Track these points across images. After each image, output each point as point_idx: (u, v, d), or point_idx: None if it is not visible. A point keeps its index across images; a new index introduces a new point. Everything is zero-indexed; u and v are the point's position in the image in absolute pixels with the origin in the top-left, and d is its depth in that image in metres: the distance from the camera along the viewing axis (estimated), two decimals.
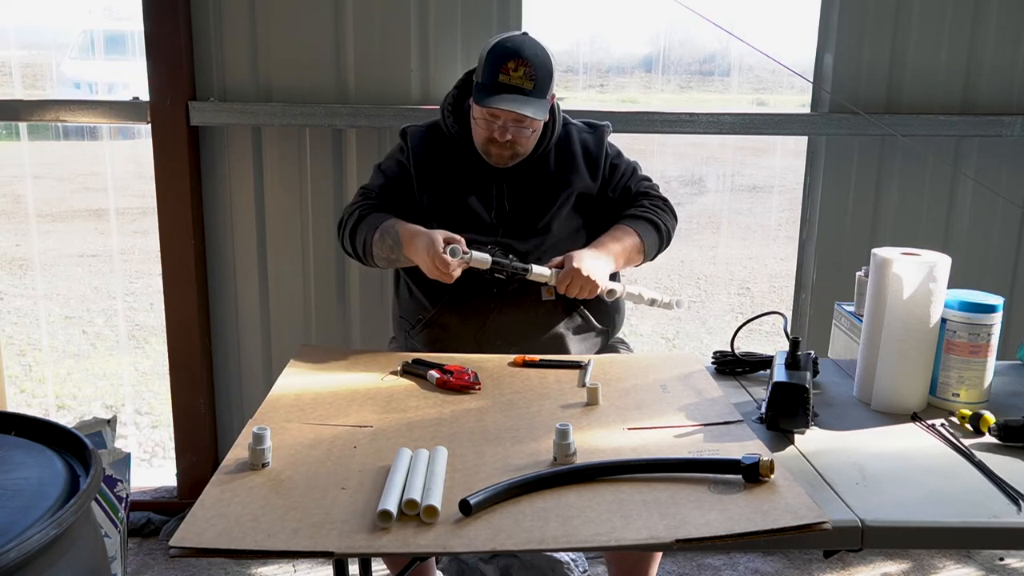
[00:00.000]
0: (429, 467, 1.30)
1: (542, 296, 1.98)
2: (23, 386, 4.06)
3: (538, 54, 1.91)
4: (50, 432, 1.44)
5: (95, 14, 7.39)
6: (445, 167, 2.04)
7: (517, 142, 1.95)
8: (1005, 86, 2.59)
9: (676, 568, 2.53)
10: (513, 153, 1.97)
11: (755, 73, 4.03)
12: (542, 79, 1.90)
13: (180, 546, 1.11)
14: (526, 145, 1.97)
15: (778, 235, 6.76)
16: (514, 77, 1.88)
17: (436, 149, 2.05)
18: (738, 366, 1.82)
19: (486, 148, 1.98)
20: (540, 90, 1.91)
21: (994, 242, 2.69)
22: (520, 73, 1.88)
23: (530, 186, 2.02)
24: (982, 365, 1.60)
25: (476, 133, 1.98)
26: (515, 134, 1.93)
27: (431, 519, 1.17)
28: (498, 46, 1.92)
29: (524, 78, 1.88)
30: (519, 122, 1.91)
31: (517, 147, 1.96)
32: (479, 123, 1.95)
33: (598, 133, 2.10)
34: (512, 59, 1.88)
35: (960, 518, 1.23)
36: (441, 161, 2.04)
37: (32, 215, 7.04)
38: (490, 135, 1.94)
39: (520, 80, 1.88)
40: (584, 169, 2.05)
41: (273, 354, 2.72)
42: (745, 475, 1.27)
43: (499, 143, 1.94)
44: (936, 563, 2.57)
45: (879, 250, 1.64)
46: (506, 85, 1.88)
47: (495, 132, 1.92)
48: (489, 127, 1.93)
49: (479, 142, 1.99)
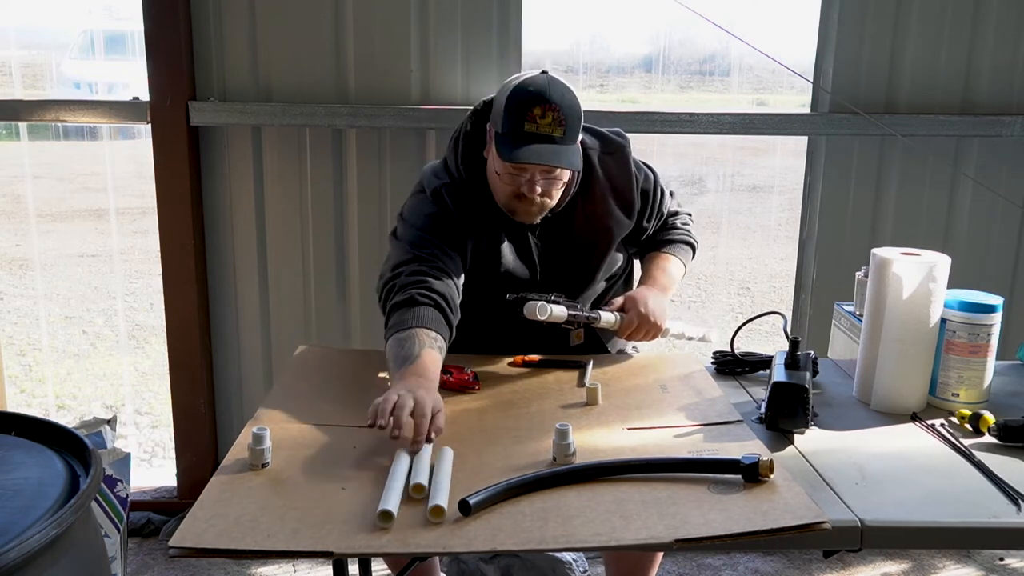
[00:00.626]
0: (436, 467, 1.30)
1: (571, 341, 1.89)
2: (23, 386, 4.06)
3: (565, 96, 1.68)
4: (50, 432, 1.44)
5: (95, 14, 7.39)
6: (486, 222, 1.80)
7: (548, 195, 1.73)
8: (1005, 86, 2.59)
9: (676, 568, 2.53)
10: (542, 208, 1.76)
11: (755, 73, 4.03)
12: (572, 124, 1.68)
13: (180, 546, 1.11)
14: (555, 198, 1.77)
15: (778, 235, 6.76)
16: (541, 125, 1.65)
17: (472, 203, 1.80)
18: (738, 366, 1.82)
19: (511, 206, 1.76)
20: (571, 136, 1.68)
21: (994, 242, 2.69)
22: (548, 120, 1.65)
23: (561, 234, 1.84)
24: (982, 365, 1.60)
25: (499, 189, 1.75)
26: (545, 188, 1.71)
27: (437, 519, 1.17)
28: (519, 91, 1.68)
29: (553, 124, 1.65)
30: (549, 174, 1.70)
31: (547, 201, 1.75)
32: (503, 179, 1.72)
33: (619, 157, 1.87)
34: (538, 104, 1.65)
35: (960, 518, 1.23)
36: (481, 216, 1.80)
37: (32, 215, 7.04)
38: (516, 191, 1.71)
39: (548, 128, 1.65)
40: (615, 209, 1.85)
41: (273, 354, 2.72)
42: (745, 475, 1.27)
43: (527, 200, 1.72)
44: (936, 563, 2.57)
45: (879, 250, 1.64)
46: (533, 135, 1.65)
47: (523, 188, 1.70)
48: (515, 182, 1.70)
49: (503, 199, 1.76)
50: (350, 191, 2.62)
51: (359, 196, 2.60)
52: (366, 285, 2.65)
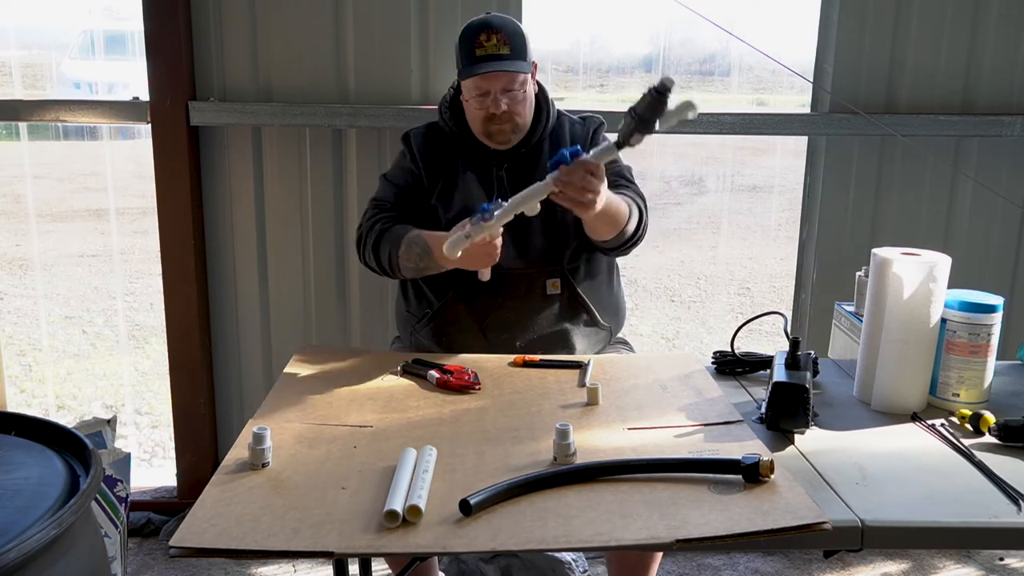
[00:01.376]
0: (416, 466, 1.30)
1: (547, 290, 1.97)
2: (23, 386, 4.06)
3: (507, 23, 1.94)
4: (50, 432, 1.44)
5: (95, 14, 7.39)
6: (449, 164, 2.03)
7: (514, 111, 1.93)
8: (1005, 86, 2.59)
9: (676, 568, 2.53)
10: (513, 125, 1.95)
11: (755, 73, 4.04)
12: (517, 43, 1.92)
13: (180, 546, 1.11)
14: (524, 114, 1.96)
15: (778, 235, 6.76)
16: (488, 47, 1.90)
17: (438, 148, 2.05)
18: (738, 366, 1.82)
19: (486, 129, 1.96)
20: (518, 53, 1.91)
21: (994, 242, 2.69)
22: (493, 41, 1.90)
23: (527, 173, 1.99)
24: (982, 365, 1.60)
25: (473, 118, 1.97)
26: (509, 103, 1.92)
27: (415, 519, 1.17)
28: (466, 28, 1.95)
29: (499, 44, 1.90)
30: (509, 89, 1.91)
31: (516, 118, 1.94)
32: (472, 105, 1.94)
33: (587, 125, 2.10)
34: (483, 31, 1.91)
35: (960, 518, 1.23)
36: (444, 159, 2.03)
37: (32, 215, 7.04)
38: (486, 113, 1.92)
39: (495, 47, 1.90)
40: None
41: (273, 354, 2.72)
42: (745, 475, 1.27)
43: (497, 118, 1.92)
44: (936, 563, 2.57)
45: (879, 250, 1.64)
46: (484, 56, 1.90)
47: (490, 107, 1.91)
48: (483, 104, 1.92)
49: (477, 126, 1.97)
50: (350, 191, 2.62)
51: (359, 196, 2.60)
52: (366, 285, 2.65)
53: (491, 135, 1.97)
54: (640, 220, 1.98)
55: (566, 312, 2.00)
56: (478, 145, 2.02)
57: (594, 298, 2.02)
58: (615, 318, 2.11)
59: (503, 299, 1.96)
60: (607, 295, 2.08)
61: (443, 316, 2.00)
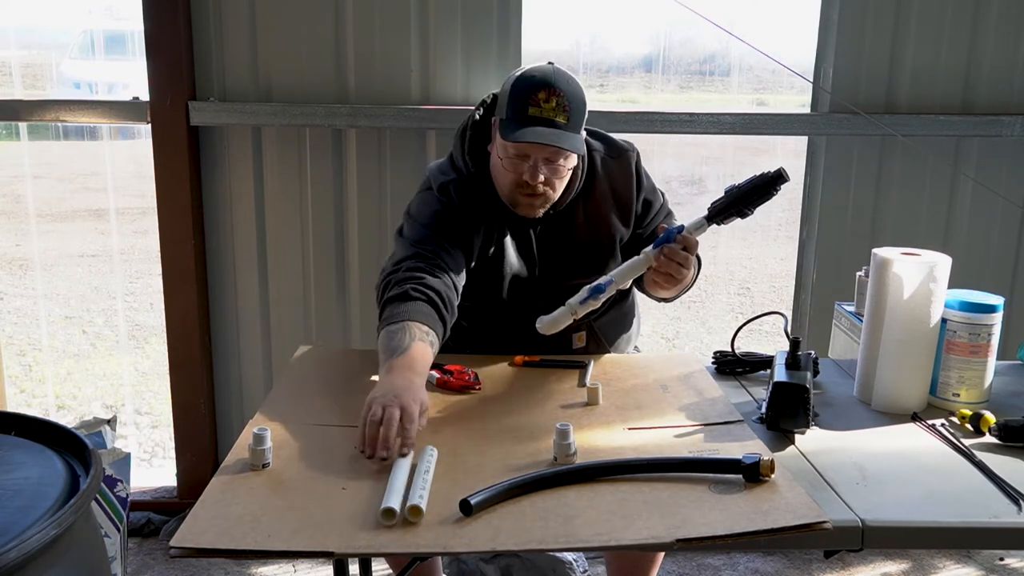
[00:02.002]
0: (417, 466, 1.30)
1: (572, 345, 1.88)
2: (23, 386, 4.06)
3: (571, 84, 1.69)
4: (50, 432, 1.44)
5: (95, 14, 7.39)
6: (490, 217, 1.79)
7: (550, 186, 1.72)
8: (1005, 86, 2.59)
9: (676, 568, 2.53)
10: (544, 200, 1.75)
11: (755, 73, 4.03)
12: (576, 111, 1.68)
13: (180, 546, 1.11)
14: (558, 190, 1.75)
15: (778, 235, 6.76)
16: (545, 109, 1.65)
17: (477, 199, 1.79)
18: (738, 366, 1.82)
19: (513, 197, 1.74)
20: (575, 124, 1.68)
21: (994, 242, 2.69)
22: (552, 104, 1.65)
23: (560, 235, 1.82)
24: (982, 365, 1.60)
25: (502, 178, 1.74)
26: (548, 176, 1.70)
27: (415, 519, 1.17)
28: (525, 77, 1.69)
29: (557, 110, 1.65)
30: (552, 161, 1.69)
31: (549, 192, 1.73)
32: (506, 164, 1.70)
33: (623, 162, 1.86)
34: (543, 89, 1.65)
35: (960, 518, 1.23)
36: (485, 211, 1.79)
37: (32, 215, 7.04)
38: (519, 179, 1.70)
39: (552, 112, 1.65)
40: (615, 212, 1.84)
41: (273, 354, 2.72)
42: (745, 475, 1.27)
43: (530, 188, 1.70)
44: (936, 563, 2.57)
45: (879, 250, 1.64)
46: (537, 119, 1.65)
47: (526, 174, 1.69)
48: (518, 168, 1.69)
49: (506, 189, 1.75)
50: (350, 191, 2.62)
51: (359, 196, 2.60)
52: (366, 285, 2.65)
53: (517, 205, 1.76)
54: (698, 269, 1.88)
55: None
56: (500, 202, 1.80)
57: (616, 340, 1.95)
58: (630, 343, 2.06)
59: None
60: (626, 329, 2.00)
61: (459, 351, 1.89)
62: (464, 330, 1.88)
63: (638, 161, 1.88)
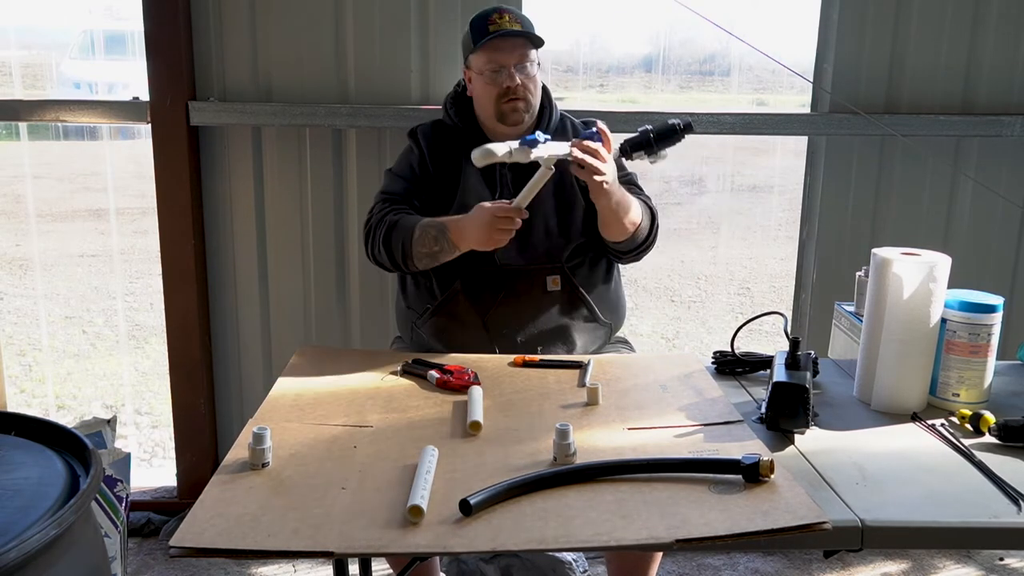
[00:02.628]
0: (418, 466, 1.30)
1: (547, 287, 1.99)
2: (23, 386, 4.06)
3: (516, 10, 2.01)
4: (50, 432, 1.44)
5: (95, 14, 7.39)
6: (455, 160, 2.02)
7: (526, 88, 1.96)
8: (1005, 86, 2.59)
9: (676, 568, 2.53)
10: (526, 104, 1.98)
11: (755, 73, 4.04)
12: (528, 24, 1.98)
13: (180, 546, 1.11)
14: (535, 93, 2.00)
15: (778, 235, 6.76)
16: (501, 24, 1.95)
17: (445, 144, 2.05)
18: (738, 366, 1.82)
19: (499, 109, 1.98)
20: (529, 31, 1.97)
21: (994, 242, 2.69)
22: (506, 19, 1.95)
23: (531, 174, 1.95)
24: (982, 365, 1.60)
25: (485, 97, 1.99)
26: (523, 78, 1.95)
27: (416, 519, 1.17)
28: (476, 15, 2.01)
29: (512, 21, 1.95)
30: (522, 62, 1.95)
31: (528, 95, 1.98)
32: (486, 79, 1.97)
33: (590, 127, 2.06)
34: (495, 12, 1.97)
35: (960, 518, 1.23)
36: (451, 155, 2.03)
37: (32, 215, 7.04)
38: (500, 88, 1.95)
39: (508, 24, 1.95)
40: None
41: (273, 354, 2.72)
42: (745, 475, 1.27)
43: (511, 92, 1.95)
44: (936, 563, 2.57)
45: (879, 250, 1.64)
46: (497, 31, 1.94)
47: (504, 81, 1.94)
48: (496, 80, 1.95)
49: (490, 107, 1.99)
50: (350, 191, 2.62)
51: (359, 196, 2.60)
52: (366, 285, 2.65)
53: (504, 115, 1.98)
54: (652, 223, 2.03)
55: (566, 308, 2.01)
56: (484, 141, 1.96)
57: (594, 295, 2.04)
58: (615, 315, 2.12)
59: (504, 295, 1.97)
60: (607, 292, 2.09)
61: (445, 311, 2.00)
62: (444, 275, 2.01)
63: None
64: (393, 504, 1.21)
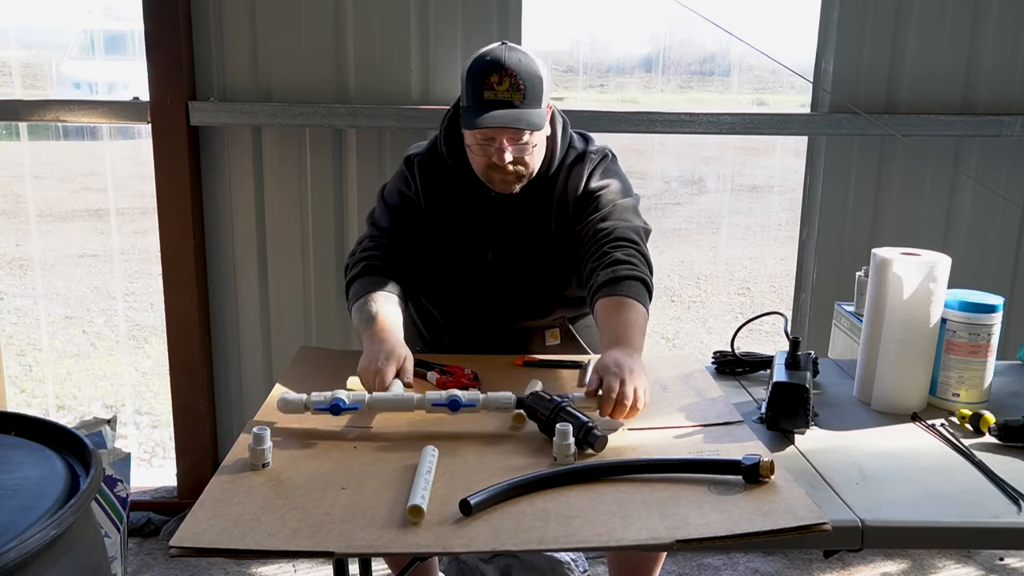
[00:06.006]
0: (418, 466, 1.30)
1: (547, 341, 1.93)
2: (23, 386, 4.06)
3: (521, 60, 1.72)
4: (50, 432, 1.44)
5: (95, 14, 7.38)
6: (448, 197, 1.88)
7: (521, 163, 1.76)
8: (1005, 86, 2.59)
9: (676, 568, 2.53)
10: (517, 176, 1.79)
11: (755, 73, 4.04)
12: (532, 87, 1.71)
13: (180, 546, 1.11)
14: (532, 164, 1.79)
15: (778, 235, 6.77)
16: (500, 91, 1.69)
17: (439, 179, 1.88)
18: (738, 366, 1.82)
19: (488, 175, 1.79)
20: (532, 100, 1.71)
21: (994, 242, 2.69)
22: (505, 86, 1.69)
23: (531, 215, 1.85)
24: (982, 365, 1.60)
25: (474, 162, 1.80)
26: (516, 155, 1.74)
27: (416, 518, 1.17)
28: (476, 61, 1.75)
29: (511, 90, 1.69)
30: (516, 140, 1.72)
31: (521, 168, 1.78)
32: (474, 150, 1.77)
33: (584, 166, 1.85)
34: (494, 72, 1.70)
35: (960, 518, 1.23)
36: (445, 191, 1.88)
37: (32, 215, 7.04)
38: (489, 161, 1.75)
39: (507, 93, 1.69)
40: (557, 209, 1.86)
41: (273, 354, 2.72)
42: (745, 476, 1.27)
43: (501, 168, 1.75)
44: (936, 563, 2.57)
45: (879, 250, 1.64)
46: (493, 102, 1.69)
47: (493, 156, 1.74)
48: (486, 152, 1.74)
49: (480, 170, 1.80)
50: (350, 191, 2.62)
51: (359, 196, 2.60)
52: None
53: (493, 182, 1.81)
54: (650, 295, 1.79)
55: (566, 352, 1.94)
56: (477, 182, 1.85)
57: (592, 336, 1.97)
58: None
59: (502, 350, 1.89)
60: None
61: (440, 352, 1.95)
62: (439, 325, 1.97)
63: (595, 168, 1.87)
64: (393, 504, 1.21)
